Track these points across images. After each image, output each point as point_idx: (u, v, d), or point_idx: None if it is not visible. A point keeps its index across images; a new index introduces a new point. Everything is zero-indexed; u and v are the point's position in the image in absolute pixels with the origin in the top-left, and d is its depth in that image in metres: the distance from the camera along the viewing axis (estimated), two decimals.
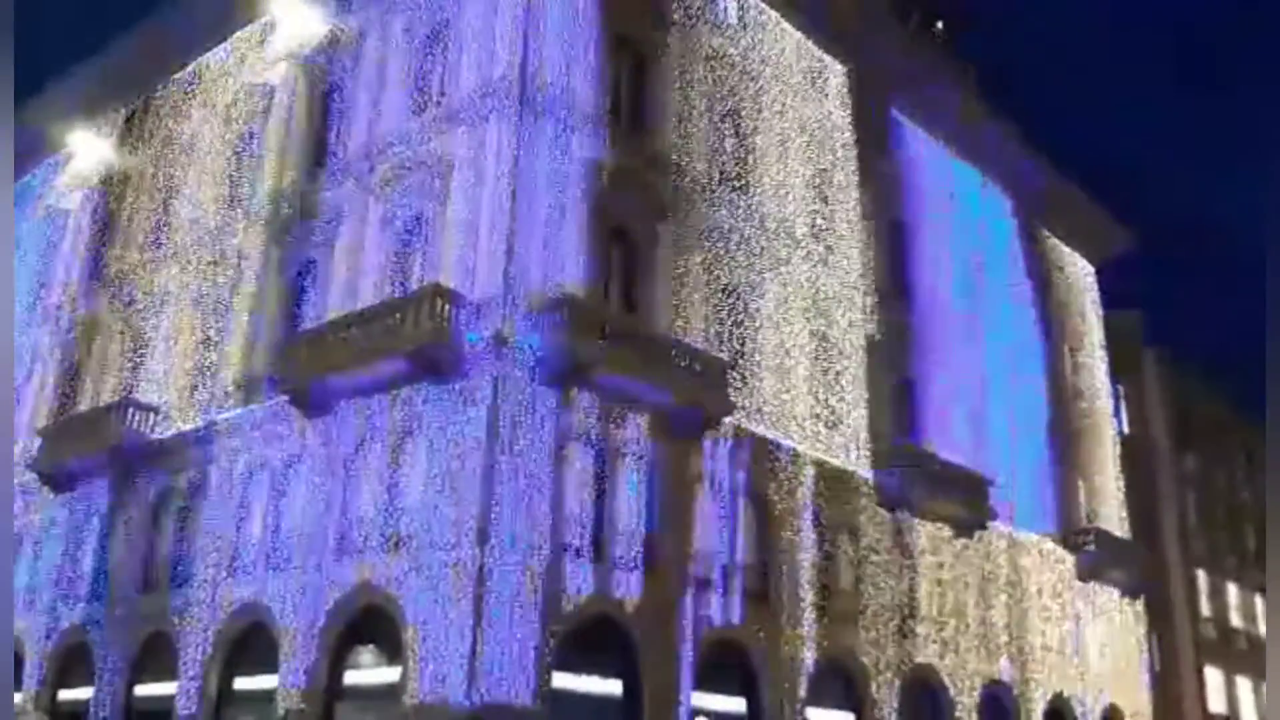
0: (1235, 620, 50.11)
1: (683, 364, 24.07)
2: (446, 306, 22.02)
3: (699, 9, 29.18)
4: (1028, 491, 35.99)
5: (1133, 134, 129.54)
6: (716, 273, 27.14)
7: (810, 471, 27.72)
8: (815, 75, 32.61)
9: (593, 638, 21.89)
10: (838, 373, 29.96)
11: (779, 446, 27.03)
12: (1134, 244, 45.19)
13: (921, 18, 44.03)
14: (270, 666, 23.26)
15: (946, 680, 30.21)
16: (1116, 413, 44.37)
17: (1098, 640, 37.34)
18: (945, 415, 33.28)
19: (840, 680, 27.30)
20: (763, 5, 31.29)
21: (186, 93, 34.38)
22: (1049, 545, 36.00)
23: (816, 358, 29.47)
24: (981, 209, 38.36)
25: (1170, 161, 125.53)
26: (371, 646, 22.25)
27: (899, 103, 35.22)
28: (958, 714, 30.17)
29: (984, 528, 32.22)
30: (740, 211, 28.36)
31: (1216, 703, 46.85)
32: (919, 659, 29.50)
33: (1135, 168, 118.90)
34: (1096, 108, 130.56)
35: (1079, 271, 43.83)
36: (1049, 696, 33.89)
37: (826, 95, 32.75)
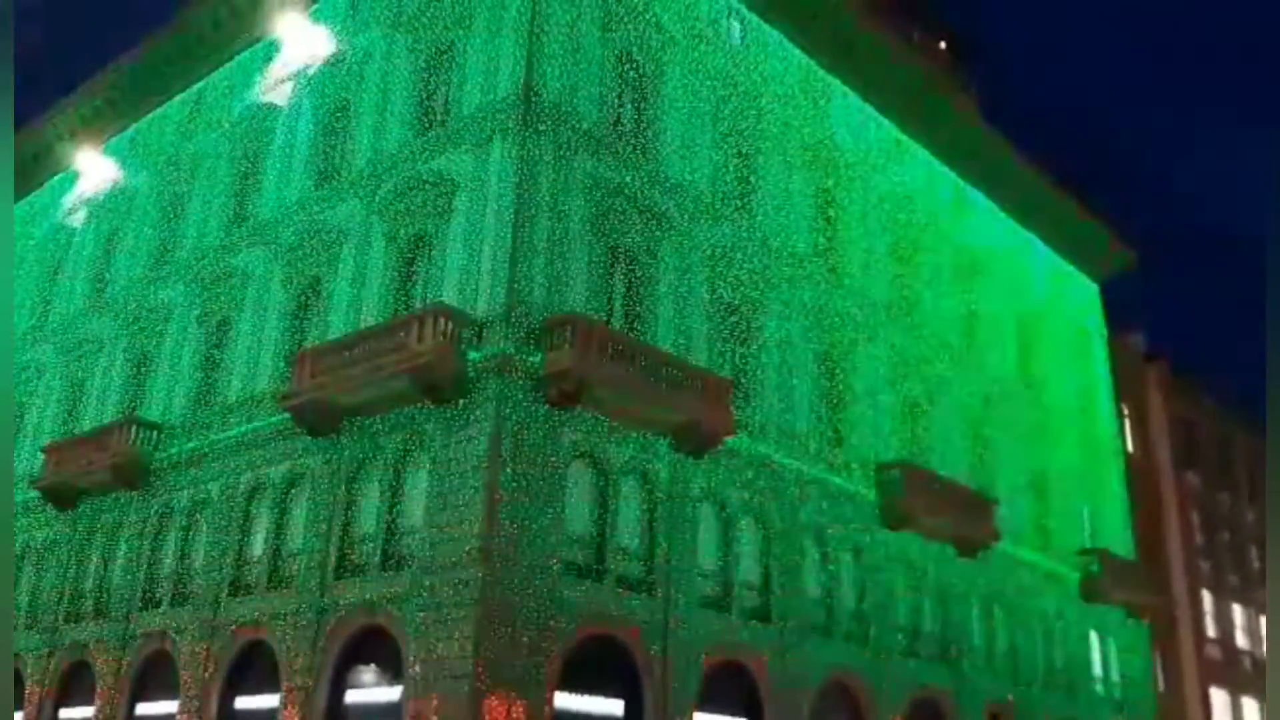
0: (1241, 641, 49.85)
1: (685, 383, 24.05)
2: (449, 325, 22.04)
3: (703, 29, 29.29)
4: (1032, 512, 35.96)
5: (1139, 144, 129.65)
6: (719, 291, 27.17)
7: (813, 490, 27.68)
8: (818, 95, 32.72)
9: (595, 657, 21.83)
10: (841, 391, 29.95)
11: (782, 465, 26.99)
12: (1137, 262, 45.19)
13: (924, 36, 44.19)
14: (272, 686, 23.20)
15: (951, 701, 30.07)
16: (1120, 432, 44.27)
17: (1102, 662, 37.16)
18: (949, 435, 33.30)
19: (844, 701, 27.18)
20: (765, 25, 31.41)
21: (191, 111, 34.57)
22: (1053, 566, 35.86)
23: (819, 376, 29.47)
24: (976, 224, 38.43)
25: (1177, 173, 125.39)
26: (373, 666, 22.19)
27: (899, 120, 35.35)
28: None
29: (988, 548, 32.14)
30: (743, 230, 28.40)
31: None
32: (924, 679, 29.39)
33: (1141, 180, 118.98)
34: (1099, 118, 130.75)
35: (1082, 290, 43.80)
36: (1053, 719, 33.71)
37: (829, 115, 32.87)
